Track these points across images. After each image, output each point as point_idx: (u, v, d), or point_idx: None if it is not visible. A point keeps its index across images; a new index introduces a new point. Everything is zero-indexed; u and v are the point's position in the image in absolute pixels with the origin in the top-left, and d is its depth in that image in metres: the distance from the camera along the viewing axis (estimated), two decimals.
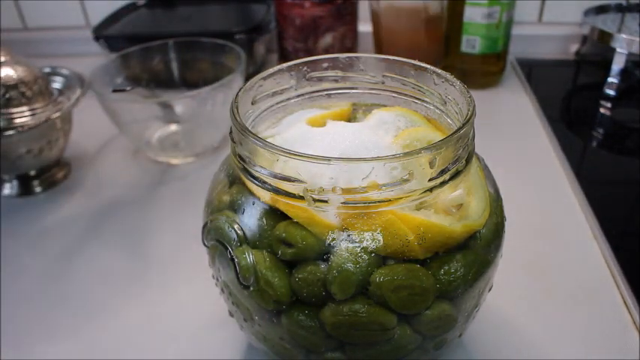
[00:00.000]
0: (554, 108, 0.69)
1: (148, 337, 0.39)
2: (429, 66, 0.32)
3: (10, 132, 0.50)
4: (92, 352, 0.38)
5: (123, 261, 0.46)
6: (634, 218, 0.50)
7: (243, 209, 0.28)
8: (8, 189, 0.57)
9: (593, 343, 0.37)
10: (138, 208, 0.53)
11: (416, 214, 0.26)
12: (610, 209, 0.50)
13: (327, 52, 0.74)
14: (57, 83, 0.58)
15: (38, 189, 0.57)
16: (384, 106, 0.34)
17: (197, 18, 0.84)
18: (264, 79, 0.32)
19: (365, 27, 0.82)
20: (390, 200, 0.26)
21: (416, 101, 0.33)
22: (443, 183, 0.26)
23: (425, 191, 0.26)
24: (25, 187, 0.57)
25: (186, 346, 0.38)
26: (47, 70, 0.58)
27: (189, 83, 0.69)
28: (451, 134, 0.26)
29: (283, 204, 0.27)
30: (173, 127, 0.63)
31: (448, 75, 0.31)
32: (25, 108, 0.52)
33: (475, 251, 0.28)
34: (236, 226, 0.28)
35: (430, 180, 0.26)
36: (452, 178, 0.26)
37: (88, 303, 0.42)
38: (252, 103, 0.32)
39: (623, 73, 0.72)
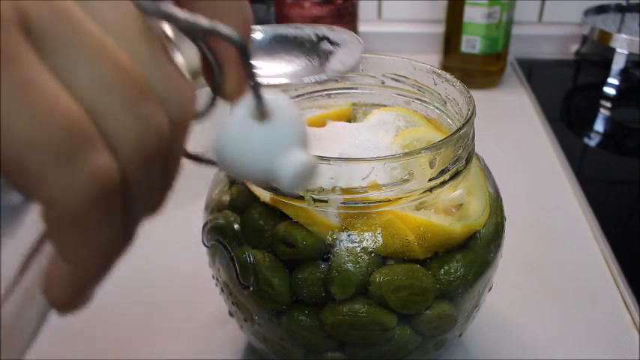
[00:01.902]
0: (554, 108, 0.69)
1: (147, 337, 0.39)
2: (429, 65, 0.32)
3: None
4: (92, 352, 0.38)
5: (122, 261, 0.46)
6: (634, 218, 0.50)
7: (243, 209, 0.28)
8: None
9: (593, 343, 0.37)
10: None
11: (416, 214, 0.26)
12: (610, 209, 0.50)
13: None
14: None
15: None
16: (384, 106, 0.34)
17: None
18: None
19: (365, 27, 0.82)
20: (390, 200, 0.26)
21: (416, 101, 0.33)
22: (443, 183, 0.26)
23: (425, 191, 0.26)
24: None
25: (186, 346, 0.38)
26: None
27: None
28: (451, 134, 0.26)
29: (283, 204, 0.27)
30: None
31: (448, 75, 0.31)
32: None
33: (475, 251, 0.28)
34: (236, 226, 0.28)
35: (430, 180, 0.26)
36: (452, 178, 0.26)
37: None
38: None
39: (623, 73, 0.72)
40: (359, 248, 0.26)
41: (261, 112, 0.15)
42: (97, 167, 0.12)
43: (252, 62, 0.15)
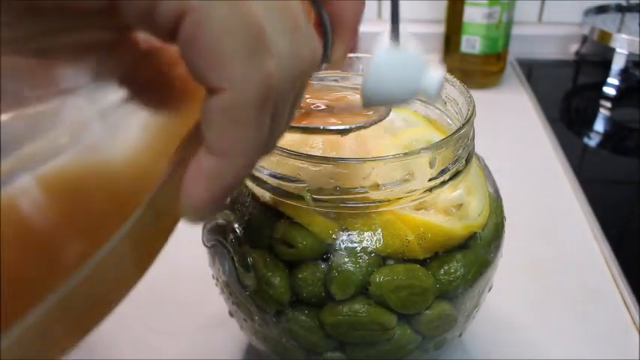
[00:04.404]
0: (554, 108, 0.69)
1: (147, 337, 0.39)
2: None
3: None
4: (91, 351, 0.38)
5: None
6: (634, 218, 0.50)
7: (244, 209, 0.28)
8: None
9: (593, 343, 0.37)
10: None
11: (416, 214, 0.26)
12: (610, 209, 0.50)
13: None
14: None
15: None
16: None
17: None
18: None
19: (365, 27, 0.82)
20: (390, 200, 0.26)
21: (416, 101, 0.33)
22: (443, 183, 0.26)
23: (425, 191, 0.26)
24: None
25: (186, 346, 0.38)
26: None
27: None
28: (451, 134, 0.26)
29: (283, 204, 0.27)
30: None
31: (448, 75, 0.31)
32: None
33: (475, 251, 0.28)
34: (236, 226, 0.28)
35: (430, 180, 0.26)
36: (452, 178, 0.26)
37: None
38: None
39: (623, 73, 0.72)
40: (359, 248, 0.26)
41: (401, 44, 0.19)
42: (270, 69, 0.15)
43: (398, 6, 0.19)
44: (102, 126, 0.15)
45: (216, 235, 0.28)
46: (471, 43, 0.70)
